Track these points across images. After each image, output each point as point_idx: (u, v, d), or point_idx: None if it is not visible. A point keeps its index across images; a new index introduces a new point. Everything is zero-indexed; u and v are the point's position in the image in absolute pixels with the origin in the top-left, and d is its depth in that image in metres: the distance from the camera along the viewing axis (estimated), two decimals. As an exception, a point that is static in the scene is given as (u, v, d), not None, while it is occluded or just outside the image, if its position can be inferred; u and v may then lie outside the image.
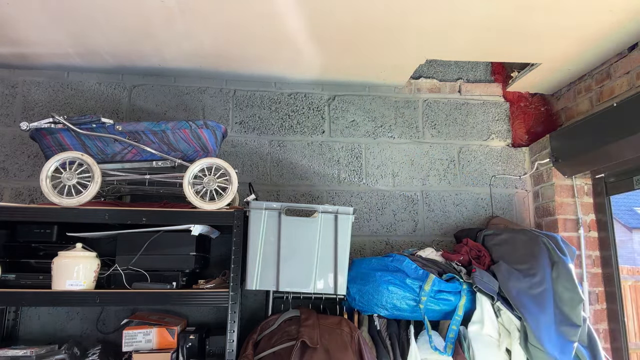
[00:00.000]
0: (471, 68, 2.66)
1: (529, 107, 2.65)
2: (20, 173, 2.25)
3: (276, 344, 1.74)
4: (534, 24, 1.90)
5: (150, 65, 2.28)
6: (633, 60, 2.06)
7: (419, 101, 2.58)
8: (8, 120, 2.29)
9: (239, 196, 2.10)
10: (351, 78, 2.47)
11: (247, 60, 2.23)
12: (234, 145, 2.40)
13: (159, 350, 1.80)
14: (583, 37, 2.00)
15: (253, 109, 2.46)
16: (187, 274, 1.87)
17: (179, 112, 2.40)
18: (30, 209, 1.71)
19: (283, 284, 1.80)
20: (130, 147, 1.79)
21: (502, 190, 2.52)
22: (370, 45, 2.08)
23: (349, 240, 1.84)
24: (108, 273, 1.78)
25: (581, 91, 2.41)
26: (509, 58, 2.29)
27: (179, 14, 1.79)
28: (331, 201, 2.40)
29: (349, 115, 2.52)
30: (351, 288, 1.93)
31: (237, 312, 1.72)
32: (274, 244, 1.81)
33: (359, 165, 2.47)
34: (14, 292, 1.66)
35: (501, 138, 2.59)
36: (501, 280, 1.90)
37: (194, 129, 1.81)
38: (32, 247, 1.86)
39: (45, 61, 2.25)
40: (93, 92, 2.37)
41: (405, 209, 2.45)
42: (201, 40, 2.02)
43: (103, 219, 1.71)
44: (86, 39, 2.01)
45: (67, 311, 2.13)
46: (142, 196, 2.14)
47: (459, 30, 1.96)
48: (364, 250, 2.38)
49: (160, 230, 1.81)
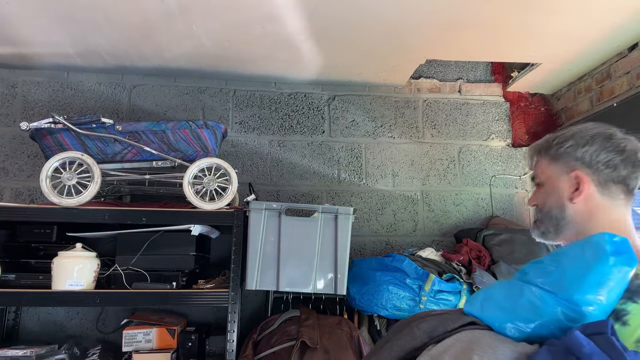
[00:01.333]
0: (471, 68, 2.66)
1: (529, 107, 2.65)
2: (20, 173, 2.25)
3: (276, 344, 1.74)
4: (534, 24, 1.90)
5: (150, 65, 2.28)
6: (633, 60, 2.05)
7: (419, 101, 2.58)
8: (8, 120, 2.29)
9: (239, 196, 2.10)
10: (351, 78, 2.47)
11: (247, 60, 2.23)
12: (234, 145, 2.40)
13: (159, 350, 1.80)
14: (583, 37, 2.00)
15: (253, 109, 2.46)
16: (187, 274, 1.87)
17: (179, 112, 2.40)
18: (30, 209, 1.71)
19: (283, 284, 1.80)
20: (130, 147, 1.79)
21: (502, 190, 2.52)
22: (370, 46, 2.08)
23: (349, 240, 1.84)
24: (108, 273, 1.78)
25: (581, 91, 2.41)
26: (509, 58, 2.29)
27: (179, 13, 1.79)
28: (331, 201, 2.40)
29: (349, 115, 2.52)
30: (351, 288, 1.93)
31: (237, 312, 1.72)
32: (274, 244, 1.81)
33: (359, 165, 2.47)
34: (14, 292, 1.66)
35: (501, 138, 2.59)
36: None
37: (194, 129, 1.81)
38: (32, 247, 1.86)
39: (45, 61, 2.25)
40: (93, 92, 2.37)
41: (405, 209, 2.45)
42: (201, 40, 2.02)
43: (103, 219, 1.71)
44: (86, 39, 2.01)
45: (67, 311, 2.13)
46: (142, 196, 2.14)
47: (459, 30, 1.96)
48: (364, 250, 2.38)
49: (160, 230, 1.81)
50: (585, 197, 0.91)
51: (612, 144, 0.89)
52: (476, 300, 0.83)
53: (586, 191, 0.91)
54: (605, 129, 0.92)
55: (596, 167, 0.90)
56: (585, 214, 0.91)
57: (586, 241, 0.75)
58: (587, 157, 0.90)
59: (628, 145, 0.89)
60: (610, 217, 0.89)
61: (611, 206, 0.89)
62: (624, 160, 0.88)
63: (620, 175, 0.88)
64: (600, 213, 0.89)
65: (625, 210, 0.90)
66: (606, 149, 0.89)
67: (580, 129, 0.94)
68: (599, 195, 0.90)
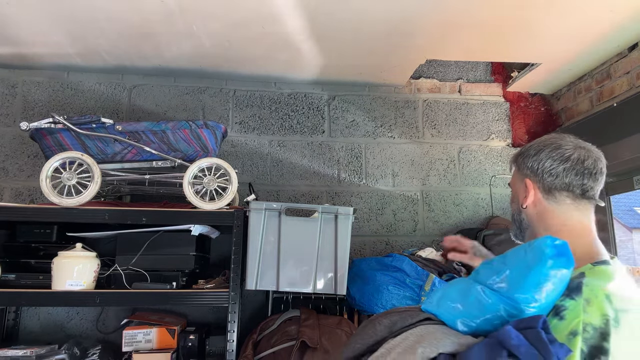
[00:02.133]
0: (471, 68, 2.66)
1: (529, 107, 2.65)
2: (20, 173, 2.25)
3: (276, 344, 1.74)
4: (534, 24, 1.90)
5: (150, 65, 2.28)
6: (633, 60, 2.05)
7: (419, 101, 2.58)
8: (8, 120, 2.29)
9: (239, 196, 2.10)
10: (351, 78, 2.47)
11: (247, 60, 2.24)
12: (234, 145, 2.40)
13: (159, 350, 1.80)
14: (583, 37, 2.00)
15: (253, 109, 2.46)
16: (187, 274, 1.87)
17: (179, 112, 2.40)
18: (30, 209, 1.71)
19: (283, 284, 1.80)
20: (130, 147, 1.79)
21: (502, 190, 2.52)
22: (370, 45, 2.08)
23: (349, 240, 1.84)
24: (108, 273, 1.78)
25: (581, 91, 2.41)
26: (509, 58, 2.29)
27: (179, 13, 1.79)
28: (331, 201, 2.40)
29: (349, 115, 2.52)
30: (351, 288, 1.93)
31: (237, 312, 1.72)
32: (274, 244, 1.81)
33: (359, 165, 2.47)
34: (14, 292, 1.66)
35: (501, 138, 2.59)
36: (501, 280, 1.90)
37: (194, 129, 1.81)
38: (32, 247, 1.85)
39: (45, 61, 2.25)
40: (93, 92, 2.37)
41: (405, 209, 2.45)
42: (201, 40, 2.02)
43: (103, 219, 1.71)
44: (86, 39, 2.01)
45: (67, 311, 2.13)
46: (142, 196, 2.14)
47: (459, 30, 1.96)
48: (364, 250, 2.38)
49: (160, 230, 1.81)
50: (533, 203, 0.98)
51: (558, 153, 0.96)
52: (433, 298, 0.91)
53: (532, 197, 0.98)
54: (559, 139, 0.99)
55: (541, 175, 0.97)
56: (535, 217, 0.98)
57: (530, 244, 0.81)
58: (535, 166, 0.98)
59: (574, 154, 0.95)
60: (557, 221, 0.95)
61: (558, 210, 0.95)
62: (567, 169, 0.94)
63: (563, 182, 0.94)
64: (549, 217, 0.96)
65: (577, 213, 0.95)
66: (551, 158, 0.96)
67: (539, 140, 1.02)
68: (545, 200, 0.97)
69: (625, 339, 0.72)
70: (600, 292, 0.77)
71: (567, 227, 0.94)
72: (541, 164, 0.97)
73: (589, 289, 0.77)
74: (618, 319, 0.73)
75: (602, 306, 0.74)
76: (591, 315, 0.73)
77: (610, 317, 0.73)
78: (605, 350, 0.70)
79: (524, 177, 1.01)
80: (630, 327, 0.74)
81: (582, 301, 0.75)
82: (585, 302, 0.75)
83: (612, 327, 0.72)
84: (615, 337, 0.71)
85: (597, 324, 0.72)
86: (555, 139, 1.00)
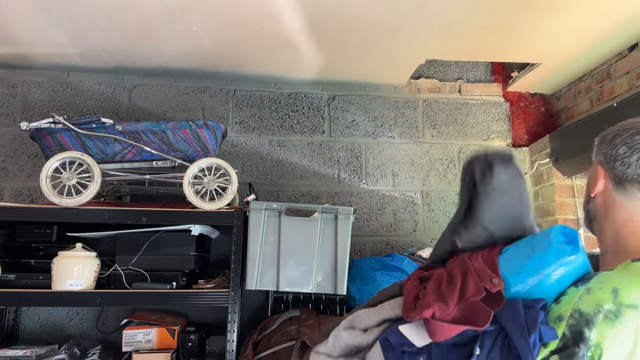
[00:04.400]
0: (471, 68, 2.66)
1: (529, 107, 2.65)
2: (20, 173, 2.25)
3: (276, 344, 1.74)
4: (534, 24, 1.90)
5: (150, 65, 2.28)
6: (633, 60, 2.05)
7: (419, 101, 2.58)
8: (8, 120, 2.29)
9: (239, 196, 2.10)
10: (351, 78, 2.47)
11: (247, 60, 2.23)
12: (234, 145, 2.40)
13: (159, 350, 1.80)
14: (583, 37, 2.00)
15: (253, 109, 2.46)
16: (187, 274, 1.87)
17: (179, 112, 2.40)
18: (30, 209, 1.71)
19: (283, 284, 1.80)
20: (130, 147, 1.79)
21: (502, 190, 2.52)
22: (370, 45, 2.08)
23: (349, 240, 1.84)
24: (108, 273, 1.78)
25: (581, 91, 2.41)
26: (509, 58, 2.29)
27: (178, 13, 1.79)
28: (331, 201, 2.40)
29: (349, 115, 2.52)
30: (351, 288, 1.93)
31: (237, 312, 1.72)
32: (274, 244, 1.81)
33: (359, 165, 2.47)
34: (14, 292, 1.66)
35: (501, 138, 2.59)
36: (501, 280, 1.89)
37: (194, 129, 1.81)
38: (32, 247, 1.86)
39: (45, 61, 2.25)
40: (93, 92, 2.37)
41: (405, 209, 2.45)
42: (201, 40, 2.02)
43: (103, 219, 1.71)
44: (86, 39, 2.01)
45: (67, 311, 2.13)
46: (142, 196, 2.14)
47: (459, 30, 1.96)
48: (364, 250, 2.38)
49: (160, 230, 1.81)
50: (602, 193, 0.88)
51: (636, 140, 0.83)
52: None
53: (601, 187, 0.88)
54: None
55: (613, 163, 0.86)
56: (602, 209, 0.88)
57: (542, 231, 0.78)
58: (609, 152, 0.87)
59: None
60: (624, 215, 0.85)
61: (626, 204, 0.85)
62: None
63: (635, 173, 0.83)
64: (615, 209, 0.86)
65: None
66: (627, 144, 0.84)
67: (623, 122, 0.89)
68: (614, 191, 0.86)
69: (626, 337, 0.67)
70: (609, 284, 0.71)
71: (634, 223, 0.83)
72: (615, 150, 0.85)
73: (598, 280, 0.73)
74: (620, 313, 0.68)
75: (601, 297, 0.70)
76: (584, 302, 0.70)
77: (606, 308, 0.68)
78: (584, 337, 0.66)
79: (597, 164, 0.90)
80: (636, 326, 0.68)
81: (583, 290, 0.72)
82: (585, 290, 0.71)
83: (604, 319, 0.67)
84: (609, 332, 0.67)
85: (586, 311, 0.68)
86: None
